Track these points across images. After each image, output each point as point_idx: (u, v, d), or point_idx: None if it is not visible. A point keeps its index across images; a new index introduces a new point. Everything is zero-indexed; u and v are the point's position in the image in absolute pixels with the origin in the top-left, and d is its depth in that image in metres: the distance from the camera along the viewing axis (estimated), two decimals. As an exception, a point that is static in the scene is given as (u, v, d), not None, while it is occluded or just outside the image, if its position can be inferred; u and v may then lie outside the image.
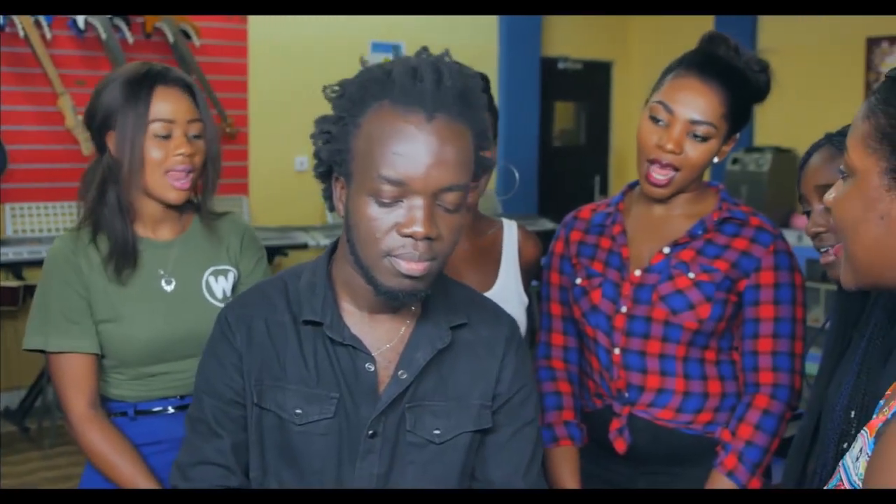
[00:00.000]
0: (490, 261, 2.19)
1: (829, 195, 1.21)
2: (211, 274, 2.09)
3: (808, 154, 1.85)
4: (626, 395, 2.03)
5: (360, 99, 1.41)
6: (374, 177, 1.37)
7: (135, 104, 1.97)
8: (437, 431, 1.52)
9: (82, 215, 2.06)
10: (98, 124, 2.03)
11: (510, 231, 2.24)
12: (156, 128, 1.98)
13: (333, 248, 1.58)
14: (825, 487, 1.15)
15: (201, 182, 2.08)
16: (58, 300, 1.99)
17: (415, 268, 1.39)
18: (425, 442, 1.52)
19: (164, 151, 1.98)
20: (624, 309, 2.02)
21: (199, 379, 1.58)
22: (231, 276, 2.12)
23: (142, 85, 1.98)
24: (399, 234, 1.38)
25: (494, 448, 1.58)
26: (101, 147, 2.05)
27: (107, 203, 2.01)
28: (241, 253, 2.15)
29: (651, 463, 2.04)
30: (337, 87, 1.46)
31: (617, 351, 2.02)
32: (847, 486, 1.09)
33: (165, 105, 1.98)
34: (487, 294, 2.06)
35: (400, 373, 1.51)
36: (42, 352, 2.01)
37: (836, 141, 1.76)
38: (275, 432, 1.52)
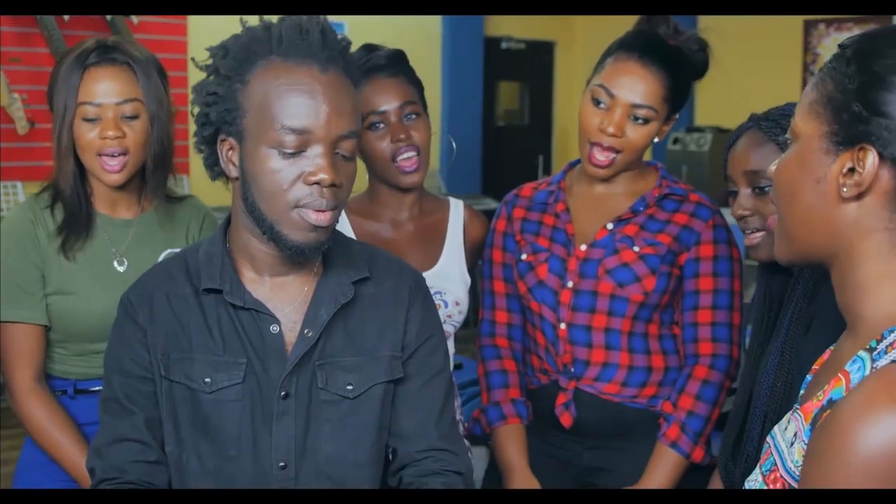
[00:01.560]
0: (434, 240, 2.19)
1: (773, 165, 1.22)
2: (166, 255, 2.07)
3: (735, 136, 1.86)
4: (572, 369, 2.04)
5: (245, 57, 1.45)
6: (276, 129, 1.41)
7: (66, 86, 1.95)
8: (349, 387, 1.55)
9: (42, 185, 2.05)
10: (49, 102, 2.01)
11: (456, 211, 2.24)
12: (84, 110, 1.95)
13: (229, 219, 1.59)
14: (759, 466, 1.17)
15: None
16: (12, 270, 1.96)
17: (322, 218, 1.43)
18: (339, 398, 1.54)
19: (93, 134, 1.95)
20: (570, 284, 2.03)
21: (107, 360, 1.60)
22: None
23: (74, 66, 1.95)
24: (305, 184, 1.42)
25: (405, 398, 1.60)
26: None
27: (64, 174, 1.99)
28: (200, 236, 2.14)
29: (597, 437, 2.06)
30: (218, 49, 1.49)
31: (563, 326, 2.04)
32: (782, 471, 1.10)
33: (95, 87, 1.95)
34: (428, 273, 2.08)
35: (306, 331, 1.53)
36: None
37: (763, 125, 1.78)
38: (186, 404, 1.53)
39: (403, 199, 2.16)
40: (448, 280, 2.14)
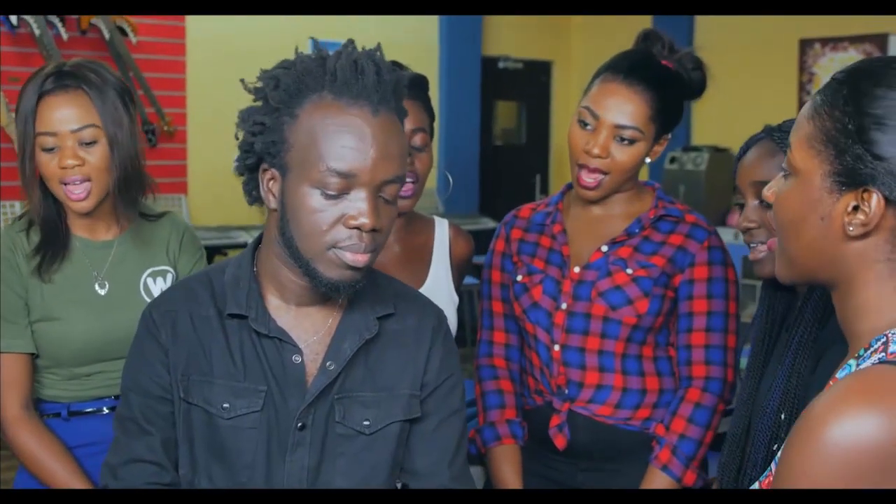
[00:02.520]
0: (420, 260, 2.19)
1: (769, 190, 1.23)
2: (149, 275, 2.06)
3: (746, 147, 1.86)
4: (566, 391, 2.04)
5: (296, 90, 1.42)
6: (321, 169, 1.38)
7: (23, 115, 1.93)
8: (366, 422, 1.53)
9: (24, 209, 2.04)
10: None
11: (441, 229, 2.23)
12: (42, 141, 1.93)
13: (258, 242, 1.58)
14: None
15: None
16: None
17: (360, 259, 1.41)
18: (355, 433, 1.53)
19: (53, 163, 1.93)
20: (564, 306, 2.03)
21: (126, 377, 1.57)
22: (170, 277, 2.09)
23: (31, 94, 1.93)
24: (345, 227, 1.40)
25: (420, 437, 1.59)
26: None
27: (34, 203, 1.99)
28: (179, 253, 2.12)
29: (590, 459, 2.06)
30: (269, 78, 1.45)
31: (557, 347, 2.04)
32: (774, 472, 1.12)
33: (50, 117, 1.92)
34: None
35: (328, 364, 1.51)
36: None
37: (775, 136, 1.77)
38: (203, 427, 1.51)
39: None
40: (436, 299, 2.12)
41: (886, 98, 1.07)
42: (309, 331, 1.53)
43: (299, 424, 1.50)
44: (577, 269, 2.05)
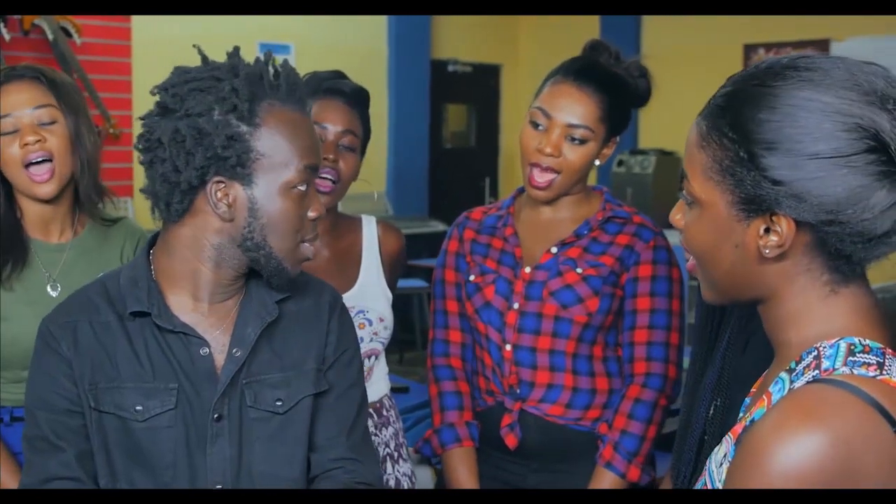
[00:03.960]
0: (350, 260, 2.19)
1: (675, 216, 1.21)
2: None
3: None
4: (518, 391, 2.05)
5: (250, 99, 1.46)
6: (297, 168, 1.48)
7: None
8: (279, 402, 1.56)
9: None
10: None
11: (369, 228, 2.23)
12: (2, 125, 1.94)
13: (151, 244, 1.59)
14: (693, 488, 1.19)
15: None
16: None
17: (313, 251, 1.56)
18: (269, 414, 1.55)
19: (13, 147, 1.95)
20: (516, 305, 2.05)
21: (30, 396, 1.55)
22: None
23: None
24: (309, 220, 1.52)
25: (320, 411, 1.62)
26: None
27: (1, 197, 1.98)
28: (133, 258, 2.11)
29: (541, 459, 2.07)
30: (229, 90, 1.44)
31: (508, 347, 2.05)
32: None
33: (6, 100, 1.96)
34: (349, 293, 2.09)
35: (234, 350, 1.54)
36: None
37: None
38: (118, 434, 1.50)
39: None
40: (369, 298, 2.15)
41: (771, 121, 1.05)
42: (213, 325, 1.55)
43: (216, 415, 1.51)
44: (528, 270, 2.07)
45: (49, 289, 2.01)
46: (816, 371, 1.04)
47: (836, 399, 0.99)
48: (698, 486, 1.16)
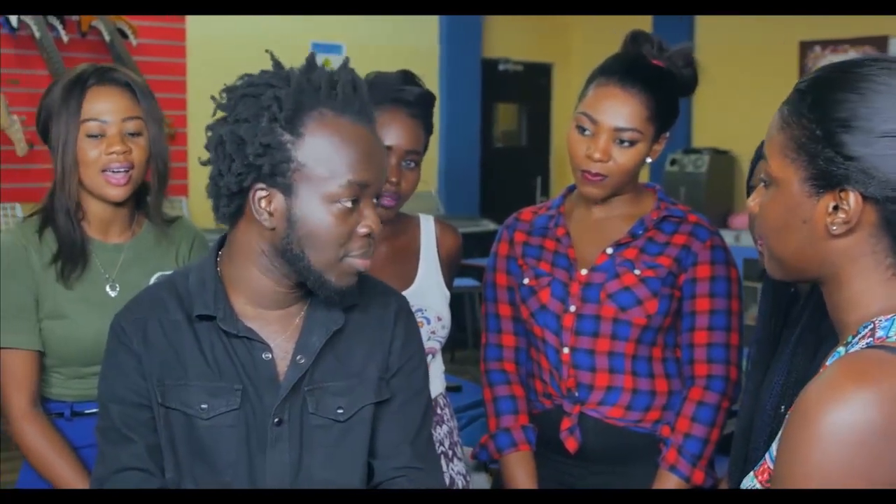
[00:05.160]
0: (409, 258, 2.19)
1: (752, 201, 1.28)
2: (157, 279, 2.07)
3: (759, 149, 1.88)
4: (576, 394, 2.04)
5: (295, 108, 1.44)
6: (341, 183, 1.44)
7: (67, 105, 1.97)
8: (340, 410, 1.56)
9: (32, 209, 2.06)
10: (41, 128, 2.03)
11: (427, 226, 2.23)
12: (88, 127, 1.97)
13: (219, 246, 1.60)
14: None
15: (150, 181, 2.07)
16: (5, 296, 1.97)
17: (367, 264, 1.51)
18: (330, 422, 1.55)
19: (98, 150, 1.97)
20: (573, 308, 2.03)
21: (102, 388, 1.59)
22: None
23: (75, 86, 1.98)
24: (358, 236, 1.47)
25: (384, 417, 1.61)
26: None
27: (56, 203, 2.00)
28: (189, 258, 2.14)
29: (602, 462, 2.05)
30: (271, 99, 1.44)
31: (566, 350, 2.04)
32: (768, 462, 1.15)
33: (98, 104, 1.98)
34: (407, 291, 2.08)
35: (298, 357, 1.54)
36: None
37: None
38: (184, 430, 1.53)
39: None
40: (427, 296, 2.14)
41: (847, 101, 1.12)
42: (277, 330, 1.56)
43: (276, 420, 1.52)
44: (584, 272, 2.05)
45: (108, 288, 2.04)
46: (871, 339, 1.09)
47: (888, 361, 1.03)
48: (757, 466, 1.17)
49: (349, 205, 1.45)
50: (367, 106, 1.49)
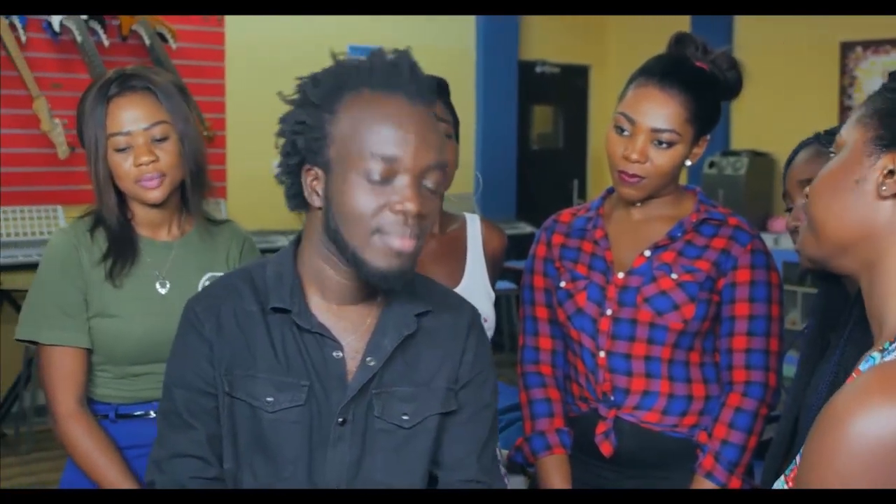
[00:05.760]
0: (456, 256, 2.19)
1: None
2: (207, 279, 2.09)
3: (796, 151, 1.87)
4: (612, 398, 2.03)
5: (335, 88, 1.47)
6: (365, 156, 1.42)
7: (93, 120, 1.98)
8: (405, 417, 1.55)
9: (84, 210, 2.09)
10: (78, 135, 2.05)
11: (473, 225, 2.24)
12: (115, 142, 1.98)
13: (297, 240, 1.60)
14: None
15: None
16: (55, 293, 1.99)
17: (405, 244, 1.44)
18: (394, 427, 1.54)
19: (128, 163, 1.98)
20: (609, 312, 2.02)
21: (170, 371, 1.59)
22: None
23: (97, 99, 1.99)
24: (391, 212, 1.43)
25: (451, 430, 1.60)
26: None
27: (108, 206, 2.03)
28: (240, 261, 2.16)
29: (637, 466, 2.04)
30: (306, 81, 1.50)
31: (602, 354, 2.03)
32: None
33: (121, 116, 1.98)
34: (455, 290, 2.07)
35: (368, 359, 1.53)
36: (34, 343, 2.01)
37: (823, 139, 1.79)
38: (247, 421, 1.53)
39: None
40: (474, 296, 2.13)
41: None
42: (348, 328, 1.55)
43: (340, 419, 1.52)
44: (621, 275, 2.04)
45: (158, 286, 2.06)
46: None
47: None
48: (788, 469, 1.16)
49: (377, 179, 1.42)
50: (415, 84, 1.46)
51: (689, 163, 2.01)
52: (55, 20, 5.65)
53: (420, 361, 1.58)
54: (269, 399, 1.51)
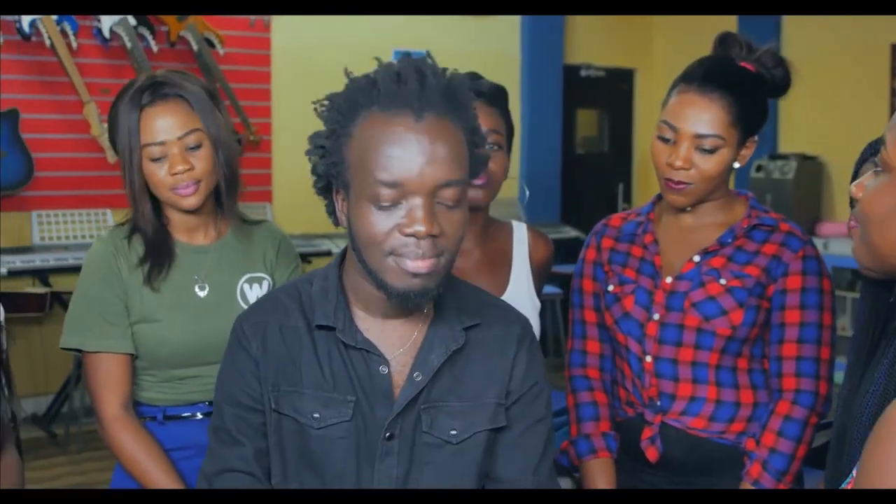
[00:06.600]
0: (501, 265, 2.18)
1: (856, 185, 1.23)
2: (246, 281, 2.11)
3: (866, 151, 1.85)
4: (658, 403, 2.02)
5: (348, 110, 1.44)
6: (371, 182, 1.39)
7: (126, 130, 1.99)
8: (453, 432, 1.54)
9: (124, 216, 2.10)
10: (111, 142, 2.06)
11: (520, 233, 2.23)
12: (150, 152, 1.99)
13: (343, 255, 1.59)
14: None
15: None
16: (96, 301, 2.01)
17: (421, 265, 1.40)
18: (442, 442, 1.53)
19: (163, 171, 1.99)
20: (656, 316, 2.01)
21: (219, 389, 1.60)
22: (266, 284, 2.13)
23: (130, 108, 1.99)
24: (402, 235, 1.40)
25: (506, 445, 1.59)
26: None
27: (143, 215, 2.04)
28: (276, 261, 2.17)
29: (683, 473, 2.03)
30: (325, 102, 1.48)
31: (649, 358, 2.01)
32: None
33: (154, 127, 1.98)
34: None
35: (415, 374, 1.52)
36: (78, 351, 2.04)
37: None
38: (294, 437, 1.53)
39: (469, 225, 2.15)
40: (519, 305, 2.12)
41: None
42: (395, 343, 1.54)
43: (387, 434, 1.51)
44: (669, 280, 2.02)
45: (197, 289, 2.07)
46: None
47: None
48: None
49: (385, 204, 1.39)
50: (415, 96, 1.39)
51: (737, 164, 1.99)
52: (105, 26, 5.74)
53: (468, 376, 1.56)
54: (315, 415, 1.51)
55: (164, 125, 1.98)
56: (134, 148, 1.98)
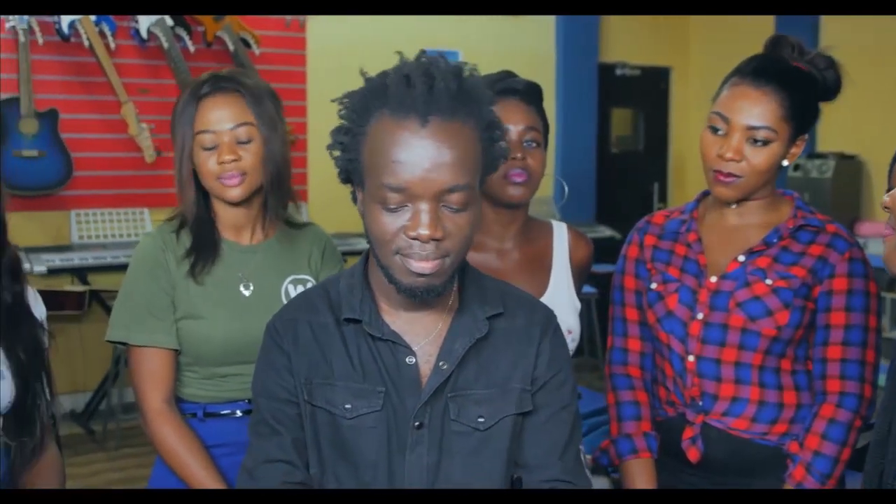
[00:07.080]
0: (541, 267, 2.17)
1: (889, 196, 1.20)
2: (290, 282, 2.13)
3: None
4: (700, 403, 2.00)
5: (362, 109, 1.48)
6: (378, 185, 1.44)
7: (183, 118, 2.05)
8: (480, 419, 1.57)
9: (172, 212, 2.14)
10: (172, 135, 2.10)
11: (560, 233, 2.22)
12: (202, 139, 2.03)
13: (368, 254, 1.63)
14: None
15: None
16: (143, 295, 2.04)
17: (425, 266, 1.45)
18: (470, 430, 1.56)
19: (212, 161, 2.03)
20: (700, 316, 2.00)
21: (255, 384, 1.65)
22: (310, 286, 2.14)
23: (190, 99, 2.05)
24: (407, 236, 1.44)
25: (531, 430, 1.61)
26: None
27: (187, 202, 2.08)
28: (321, 264, 2.19)
29: (724, 474, 2.01)
30: (345, 99, 1.52)
31: (691, 358, 2.00)
32: None
33: (209, 115, 2.04)
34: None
35: (441, 363, 1.56)
36: (124, 344, 2.07)
37: None
38: (327, 428, 1.57)
39: (509, 225, 2.16)
40: (558, 308, 2.11)
41: None
42: (420, 334, 1.58)
43: (416, 423, 1.54)
44: (713, 279, 2.01)
45: (242, 288, 2.10)
46: None
47: None
48: None
49: (392, 207, 1.44)
50: (422, 100, 1.42)
51: (786, 163, 1.98)
52: (143, 27, 5.79)
53: (493, 363, 1.60)
54: (347, 406, 1.56)
55: (219, 115, 2.03)
56: (187, 135, 2.03)
